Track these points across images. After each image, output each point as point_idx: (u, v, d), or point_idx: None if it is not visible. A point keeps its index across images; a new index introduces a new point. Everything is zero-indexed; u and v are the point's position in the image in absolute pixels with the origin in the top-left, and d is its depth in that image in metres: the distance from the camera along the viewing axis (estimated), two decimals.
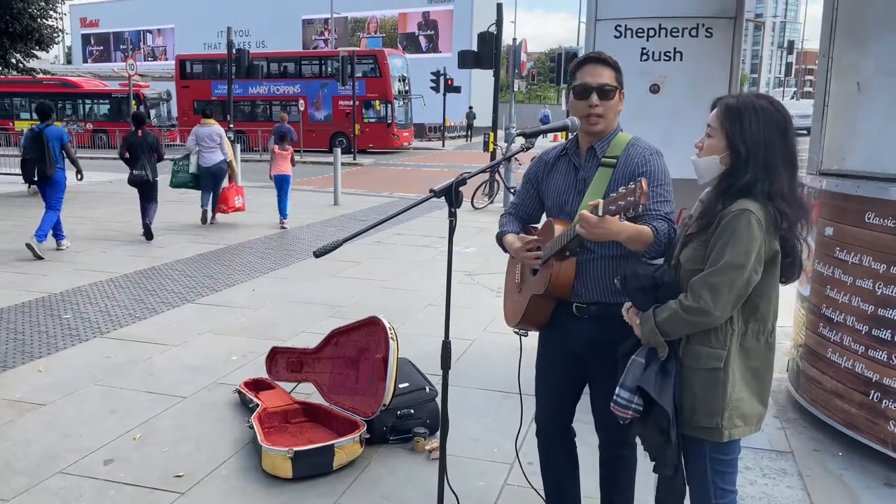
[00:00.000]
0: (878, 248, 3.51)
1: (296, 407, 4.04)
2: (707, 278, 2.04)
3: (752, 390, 2.15)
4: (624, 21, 4.35)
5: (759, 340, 2.14)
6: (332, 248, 2.42)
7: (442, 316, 2.52)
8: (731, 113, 2.10)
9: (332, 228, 11.01)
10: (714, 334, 2.11)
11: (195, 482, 3.41)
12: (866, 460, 3.64)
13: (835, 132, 4.03)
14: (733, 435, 2.14)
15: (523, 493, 3.26)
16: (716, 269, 2.03)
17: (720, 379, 2.11)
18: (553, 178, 2.62)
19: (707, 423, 2.13)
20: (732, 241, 2.02)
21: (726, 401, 2.11)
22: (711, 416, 2.12)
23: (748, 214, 2.02)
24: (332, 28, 47.03)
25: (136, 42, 53.20)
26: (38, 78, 20.89)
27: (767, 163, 2.06)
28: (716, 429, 2.13)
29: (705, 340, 2.12)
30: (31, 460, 3.58)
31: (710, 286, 2.03)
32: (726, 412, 2.11)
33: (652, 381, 2.13)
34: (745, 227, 2.01)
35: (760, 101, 2.10)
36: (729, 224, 2.03)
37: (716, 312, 2.04)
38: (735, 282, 2.02)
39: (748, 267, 2.02)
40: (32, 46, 16.28)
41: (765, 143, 2.06)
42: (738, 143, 2.07)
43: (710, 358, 2.11)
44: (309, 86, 30.61)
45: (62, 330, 5.67)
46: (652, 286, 2.16)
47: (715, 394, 2.11)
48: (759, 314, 2.13)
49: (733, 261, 2.01)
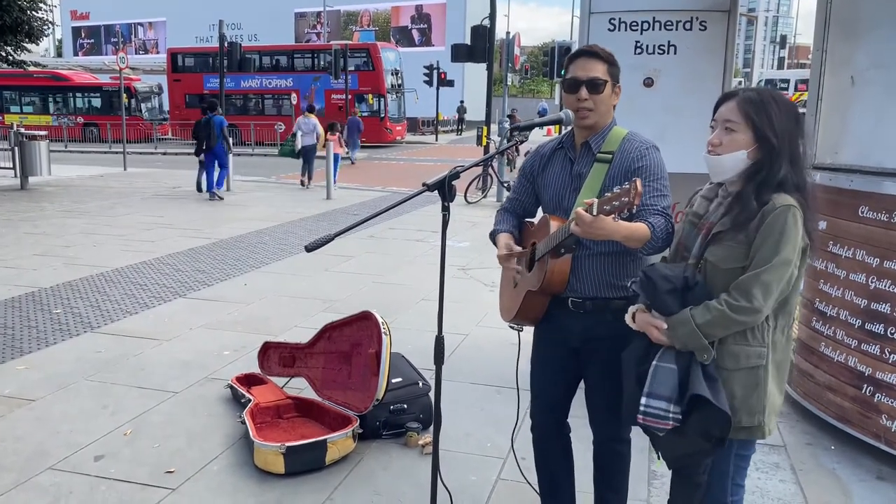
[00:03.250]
0: (871, 243, 3.51)
1: (288, 402, 4.02)
2: (760, 276, 1.98)
3: (777, 383, 2.13)
4: (618, 14, 4.33)
5: (783, 334, 2.12)
6: (324, 242, 2.40)
7: (435, 310, 2.51)
8: (756, 105, 2.06)
9: (325, 223, 10.98)
10: (751, 332, 2.06)
11: (186, 478, 3.39)
12: (859, 454, 3.65)
13: (828, 126, 4.03)
14: (772, 430, 2.12)
15: (516, 488, 3.26)
16: (769, 266, 1.98)
17: (762, 376, 2.07)
18: (549, 172, 2.60)
19: (749, 422, 2.08)
20: (784, 238, 1.98)
21: (767, 398, 2.08)
22: (753, 414, 2.08)
23: (794, 210, 1.99)
24: (325, 21, 46.86)
25: (127, 35, 52.91)
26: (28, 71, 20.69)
27: (793, 154, 2.05)
28: (758, 427, 2.09)
29: (742, 339, 2.06)
30: (20, 456, 3.55)
31: (762, 284, 1.98)
32: (767, 409, 2.09)
33: (705, 387, 2.01)
34: (793, 223, 1.98)
35: (777, 94, 2.10)
36: (776, 220, 1.98)
37: (765, 311, 2.01)
38: (783, 279, 1.99)
39: (793, 263, 2.00)
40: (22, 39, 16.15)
41: (790, 134, 2.05)
42: (770, 136, 2.03)
43: (751, 356, 2.07)
44: (301, 79, 30.51)
45: (52, 325, 5.63)
46: (683, 287, 2.08)
47: (757, 392, 2.07)
48: (788, 308, 2.11)
49: (786, 258, 1.98)
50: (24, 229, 9.88)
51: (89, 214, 11.39)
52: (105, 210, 11.91)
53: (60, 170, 17.05)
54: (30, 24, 15.85)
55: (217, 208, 12.18)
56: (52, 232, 9.70)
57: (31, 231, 9.74)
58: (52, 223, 10.44)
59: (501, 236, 2.62)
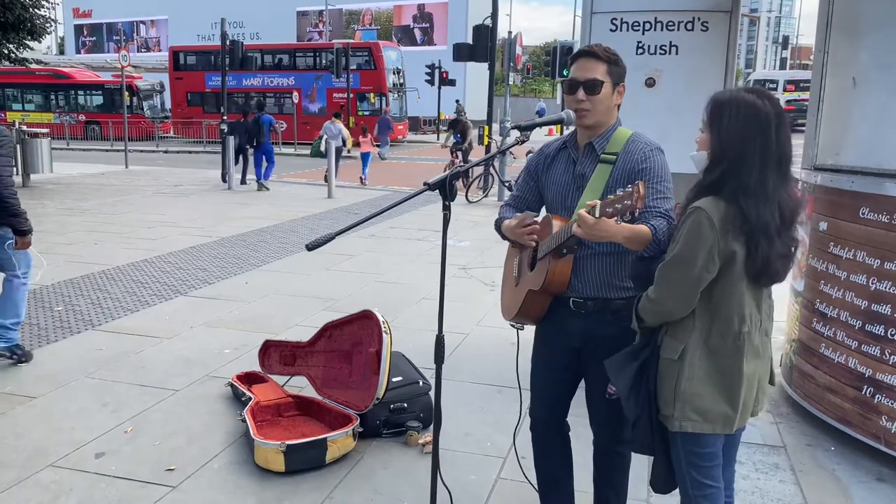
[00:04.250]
0: (871, 244, 3.51)
1: (288, 400, 4.03)
2: (660, 270, 2.13)
3: (717, 389, 2.14)
4: (620, 14, 4.34)
5: (724, 341, 2.14)
6: (325, 241, 2.41)
7: (436, 310, 2.51)
8: (714, 108, 2.12)
9: (326, 221, 10.99)
10: (678, 327, 2.17)
11: (187, 476, 3.39)
12: (858, 455, 3.65)
13: (829, 127, 4.03)
14: (684, 427, 2.17)
15: (516, 487, 3.26)
16: (666, 262, 2.12)
17: (675, 370, 2.17)
18: (553, 171, 2.60)
19: (664, 410, 2.20)
20: (682, 237, 2.08)
21: (679, 392, 2.15)
22: (665, 403, 2.19)
23: (699, 213, 2.06)
24: (327, 20, 46.84)
25: (129, 33, 52.90)
26: (30, 69, 20.69)
27: (741, 159, 2.05)
28: (669, 417, 2.19)
29: (672, 333, 2.19)
30: (21, 453, 3.56)
31: (662, 278, 2.13)
32: (678, 403, 2.16)
33: (616, 362, 2.29)
34: (695, 224, 2.05)
35: (748, 96, 2.08)
36: (683, 221, 2.10)
37: (668, 304, 2.12)
38: (683, 277, 2.08)
39: (696, 264, 2.05)
40: (24, 36, 16.12)
41: (741, 139, 2.04)
42: (714, 140, 2.10)
43: (669, 349, 2.18)
44: (303, 78, 30.47)
45: (53, 322, 5.64)
46: (647, 275, 2.22)
47: (669, 384, 2.18)
48: (722, 314, 2.13)
49: (679, 255, 2.08)
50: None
51: (91, 212, 11.40)
52: (106, 208, 11.92)
53: (62, 167, 17.07)
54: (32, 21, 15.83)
55: (219, 207, 12.18)
56: (53, 229, 9.70)
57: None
58: (54, 221, 10.44)
59: (506, 220, 2.65)
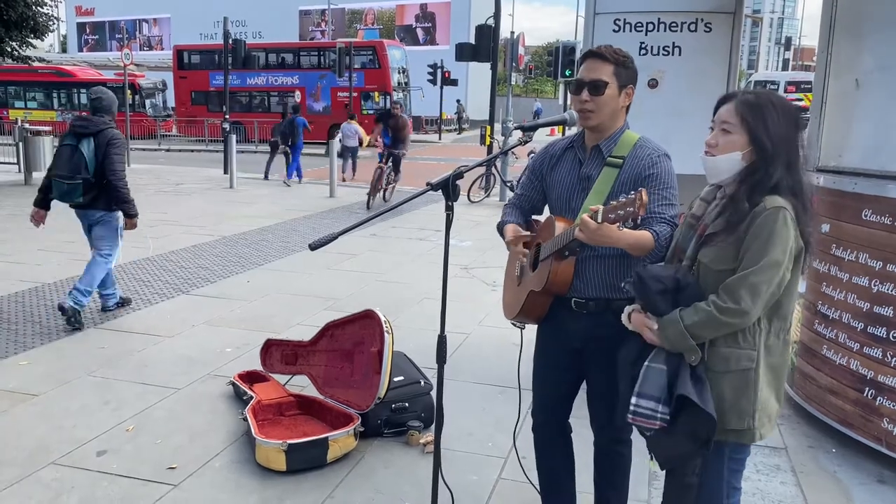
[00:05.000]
0: (874, 246, 3.51)
1: (290, 399, 4.03)
2: (748, 278, 1.99)
3: (773, 388, 2.13)
4: (623, 15, 4.33)
5: (779, 338, 2.11)
6: (328, 240, 2.41)
7: (437, 309, 2.51)
8: (753, 108, 2.06)
9: (328, 221, 10.99)
10: (742, 335, 2.06)
11: (188, 474, 3.40)
12: (860, 457, 3.65)
13: (832, 128, 4.02)
14: (763, 435, 2.10)
15: (517, 488, 3.26)
16: (757, 268, 1.98)
17: (752, 380, 2.06)
18: (558, 171, 2.60)
19: (738, 425, 2.09)
20: (772, 239, 1.98)
21: (758, 402, 2.07)
22: (742, 418, 2.08)
23: (784, 212, 1.99)
24: (330, 19, 46.84)
25: (131, 31, 52.96)
26: (32, 66, 20.72)
27: (789, 158, 2.05)
28: (747, 430, 2.09)
29: (732, 342, 2.07)
30: (22, 451, 3.56)
31: (750, 286, 1.98)
32: (758, 413, 2.08)
33: (692, 389, 2.03)
34: (783, 224, 1.98)
35: (777, 97, 2.11)
36: (766, 222, 1.99)
37: (754, 313, 2.00)
38: (773, 281, 1.99)
39: (783, 265, 1.99)
40: (27, 34, 16.15)
41: (786, 138, 2.05)
42: (764, 139, 2.04)
43: (741, 359, 2.06)
44: (307, 77, 30.40)
45: (55, 320, 5.64)
46: (674, 288, 2.09)
47: (747, 395, 2.07)
48: (782, 312, 2.10)
49: (775, 259, 1.97)
50: (28, 224, 9.86)
51: None
52: None
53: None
54: (35, 19, 15.86)
55: (221, 205, 12.18)
56: (55, 227, 9.69)
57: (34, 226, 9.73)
58: (56, 219, 10.42)
59: (509, 226, 2.64)
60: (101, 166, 5.41)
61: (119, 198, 5.49)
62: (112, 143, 5.44)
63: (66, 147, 5.46)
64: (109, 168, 5.41)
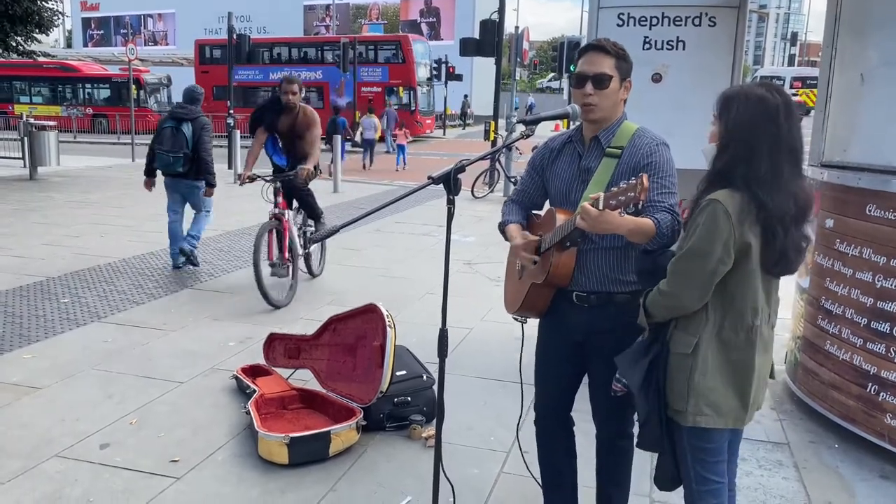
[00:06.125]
0: (878, 241, 3.50)
1: (293, 393, 4.04)
2: (675, 263, 2.12)
3: (729, 383, 2.15)
4: (627, 9, 4.32)
5: (737, 334, 2.14)
6: (329, 234, 2.42)
7: (440, 304, 2.51)
8: (723, 101, 2.15)
9: (331, 215, 10.96)
10: (690, 321, 2.16)
11: (191, 467, 3.41)
12: (862, 452, 3.65)
13: (837, 123, 4.01)
14: (698, 422, 2.16)
15: (519, 482, 3.27)
16: (681, 255, 2.11)
17: (688, 364, 2.15)
18: (557, 165, 2.60)
19: (675, 404, 2.19)
20: (697, 230, 2.07)
21: (692, 386, 2.15)
22: (678, 399, 2.18)
23: (714, 205, 2.05)
24: (334, 14, 46.79)
25: (136, 26, 52.90)
26: (38, 62, 20.73)
27: (749, 147, 2.06)
28: (682, 412, 2.18)
29: (683, 326, 2.18)
30: (26, 444, 3.58)
31: (676, 271, 2.12)
32: (692, 398, 2.15)
33: (627, 358, 2.28)
34: (710, 217, 2.05)
35: (757, 90, 2.11)
36: (698, 214, 2.09)
37: (682, 297, 2.11)
38: (698, 269, 2.07)
39: (713, 256, 2.04)
40: (32, 29, 16.16)
41: (750, 127, 2.06)
42: (722, 128, 2.12)
43: (681, 343, 2.17)
44: (331, 72, 29.91)
45: (59, 314, 5.66)
46: (652, 269, 2.22)
47: (682, 378, 2.17)
48: (736, 307, 2.13)
49: (695, 248, 2.07)
50: (33, 219, 9.94)
51: (97, 205, 11.44)
52: (113, 200, 11.95)
53: (69, 160, 17.09)
54: (40, 14, 15.87)
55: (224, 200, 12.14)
56: (60, 222, 9.74)
57: (39, 221, 9.79)
58: (61, 213, 10.49)
59: (512, 227, 2.63)
60: (196, 145, 6.76)
61: (206, 170, 6.93)
62: (205, 128, 6.88)
63: (167, 128, 6.78)
64: (203, 147, 6.82)
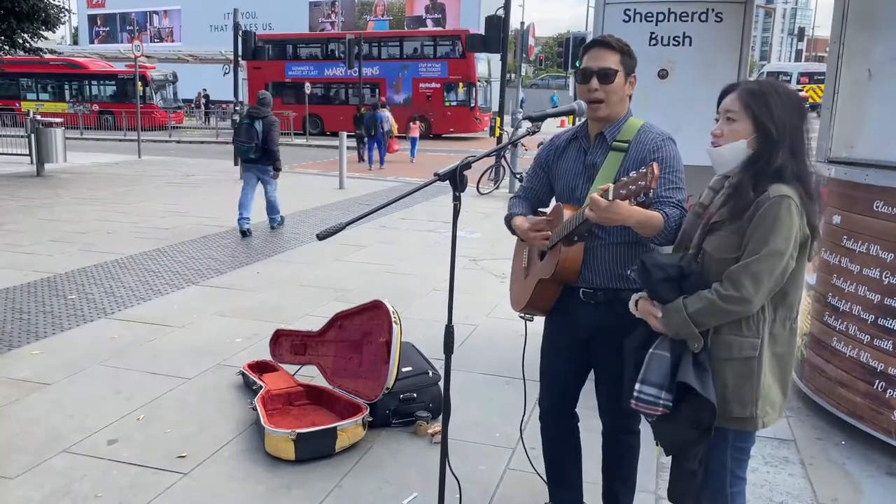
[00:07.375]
0: (885, 237, 3.49)
1: (299, 389, 4.05)
2: (749, 266, 1.99)
3: (777, 377, 2.12)
4: (633, 5, 4.30)
5: (784, 327, 2.11)
6: (336, 231, 2.42)
7: (446, 301, 2.51)
8: (756, 96, 2.07)
9: (337, 212, 11.01)
10: (745, 323, 2.06)
11: (198, 463, 3.43)
12: (869, 449, 3.64)
13: (844, 119, 3.99)
14: (766, 423, 2.10)
15: (525, 478, 3.27)
16: (759, 256, 1.98)
17: (754, 368, 2.06)
18: (563, 162, 2.60)
19: (740, 413, 2.09)
20: (775, 228, 1.97)
21: (760, 389, 2.07)
22: (745, 405, 2.08)
23: (788, 200, 1.97)
24: (339, 10, 46.73)
25: (142, 23, 53.00)
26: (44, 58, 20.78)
27: (794, 144, 2.04)
28: (750, 418, 2.09)
29: (736, 330, 2.06)
30: (35, 439, 3.60)
31: (752, 274, 1.98)
32: (760, 401, 2.08)
33: (693, 376, 2.04)
34: (787, 213, 1.97)
35: (779, 85, 2.11)
36: (769, 210, 1.98)
37: (756, 300, 2.00)
38: (775, 269, 1.98)
39: (787, 254, 1.99)
40: (38, 26, 16.18)
41: (790, 125, 2.04)
42: (769, 125, 2.03)
43: (744, 347, 2.06)
44: (388, 67, 29.47)
45: (67, 310, 5.69)
46: (678, 276, 2.09)
47: (749, 383, 2.07)
48: (788, 300, 2.09)
49: (777, 248, 1.97)
50: (40, 216, 9.98)
51: (104, 201, 11.48)
52: (119, 197, 11.99)
53: (76, 157, 17.17)
54: (46, 11, 15.88)
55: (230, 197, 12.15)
56: (67, 218, 9.78)
57: (46, 217, 9.83)
58: (68, 210, 10.53)
59: (518, 217, 2.63)
60: (265, 138, 8.64)
61: (274, 157, 8.85)
62: (273, 125, 8.74)
63: (244, 124, 8.76)
64: (271, 139, 8.70)
